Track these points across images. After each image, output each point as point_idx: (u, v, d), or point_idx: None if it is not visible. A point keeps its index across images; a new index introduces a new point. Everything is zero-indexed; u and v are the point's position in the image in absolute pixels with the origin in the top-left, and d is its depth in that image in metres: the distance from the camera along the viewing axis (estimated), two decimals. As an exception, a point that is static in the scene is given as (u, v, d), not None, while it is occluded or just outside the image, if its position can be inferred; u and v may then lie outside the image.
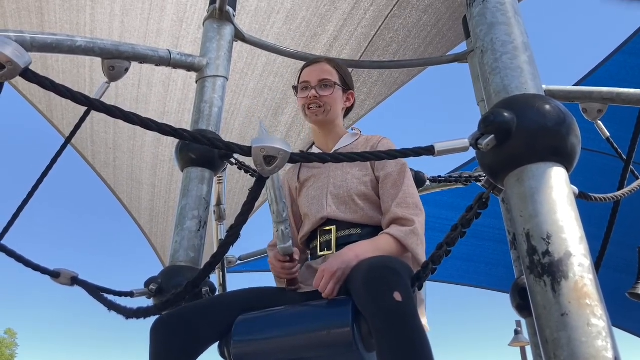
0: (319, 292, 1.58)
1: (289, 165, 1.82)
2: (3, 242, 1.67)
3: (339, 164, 1.83)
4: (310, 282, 1.67)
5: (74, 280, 1.60)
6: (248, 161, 2.48)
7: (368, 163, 1.82)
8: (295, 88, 1.98)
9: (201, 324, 1.49)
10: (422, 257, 1.61)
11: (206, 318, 1.51)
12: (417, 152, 1.14)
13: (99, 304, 1.57)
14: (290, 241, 1.58)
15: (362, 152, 1.14)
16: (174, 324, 1.47)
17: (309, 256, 1.84)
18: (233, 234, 1.22)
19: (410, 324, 1.24)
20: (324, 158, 1.13)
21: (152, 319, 1.50)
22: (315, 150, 1.98)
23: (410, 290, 1.31)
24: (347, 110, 2.04)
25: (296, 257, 1.66)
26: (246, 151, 1.06)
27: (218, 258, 1.27)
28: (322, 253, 1.74)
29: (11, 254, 1.58)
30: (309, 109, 1.89)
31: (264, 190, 1.19)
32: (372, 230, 1.72)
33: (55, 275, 1.59)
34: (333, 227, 1.75)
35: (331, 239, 1.74)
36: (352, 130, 1.98)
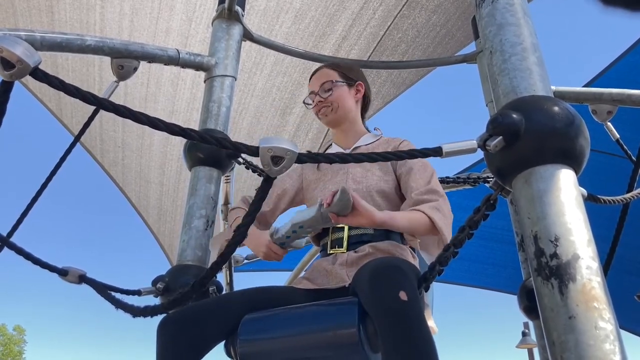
0: (326, 290, 1.59)
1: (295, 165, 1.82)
2: (12, 239, 1.68)
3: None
4: (319, 280, 1.67)
5: (82, 279, 1.61)
6: (256, 160, 2.49)
7: (389, 164, 1.82)
8: (306, 103, 2.01)
9: (207, 323, 1.49)
10: (448, 234, 1.58)
11: (213, 317, 1.51)
12: (425, 153, 1.14)
13: (107, 302, 1.58)
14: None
15: (370, 152, 1.14)
16: (180, 322, 1.48)
17: (319, 253, 1.83)
18: (240, 234, 1.22)
19: (416, 324, 1.24)
20: (331, 159, 1.13)
21: (159, 318, 1.51)
22: (334, 147, 1.98)
23: (416, 290, 1.31)
24: (364, 104, 2.03)
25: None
26: (254, 151, 1.06)
27: (225, 257, 1.27)
28: (332, 251, 1.73)
29: (20, 251, 1.59)
30: (319, 111, 1.93)
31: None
32: (386, 231, 1.72)
33: (63, 273, 1.60)
34: (346, 225, 1.73)
35: (342, 237, 1.73)
36: (375, 130, 1.99)
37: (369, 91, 2.02)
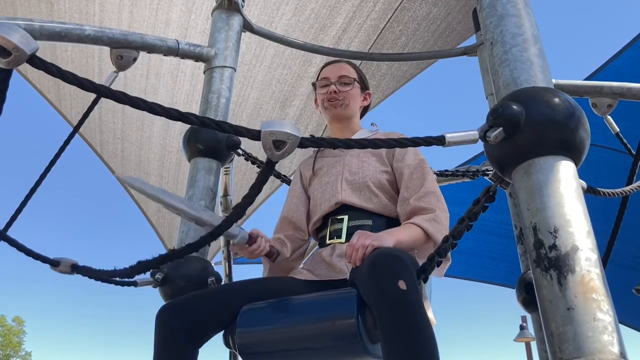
0: (325, 282, 1.59)
1: (299, 151, 1.82)
2: (10, 230, 1.67)
3: (355, 154, 1.87)
4: (318, 271, 1.68)
5: (74, 268, 1.59)
6: (255, 152, 2.49)
7: (385, 156, 1.84)
8: (314, 85, 2.03)
9: (207, 313, 1.49)
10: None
11: (212, 306, 1.51)
12: (428, 141, 1.14)
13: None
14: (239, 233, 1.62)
15: (374, 139, 1.14)
16: (179, 311, 1.48)
17: (318, 245, 1.84)
18: (237, 213, 1.21)
19: (415, 313, 1.24)
20: (334, 143, 1.12)
21: (156, 310, 1.51)
22: None
23: (415, 280, 1.31)
24: (364, 110, 2.08)
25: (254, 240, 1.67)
26: (255, 135, 1.04)
27: (220, 230, 1.26)
28: (331, 241, 1.74)
29: (13, 243, 1.58)
30: (328, 101, 1.94)
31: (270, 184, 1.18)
32: (385, 221, 1.73)
33: (55, 264, 1.58)
34: (345, 217, 1.75)
35: (342, 228, 1.74)
36: (372, 126, 2.02)
37: (370, 102, 2.09)
